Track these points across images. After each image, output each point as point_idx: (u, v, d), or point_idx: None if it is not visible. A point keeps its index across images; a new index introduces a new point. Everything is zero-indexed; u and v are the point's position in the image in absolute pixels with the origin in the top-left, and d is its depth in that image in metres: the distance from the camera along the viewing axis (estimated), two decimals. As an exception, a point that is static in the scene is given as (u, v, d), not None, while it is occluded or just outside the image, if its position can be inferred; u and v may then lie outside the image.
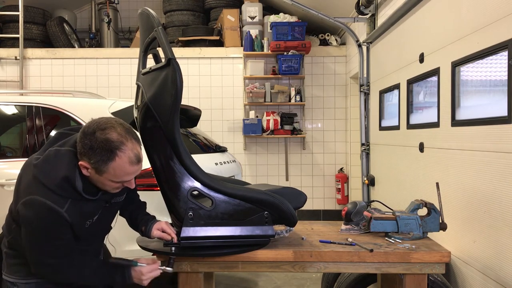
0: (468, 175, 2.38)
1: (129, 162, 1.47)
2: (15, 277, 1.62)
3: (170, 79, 1.69)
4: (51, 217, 1.45)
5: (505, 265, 2.03)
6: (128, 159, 1.46)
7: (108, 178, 1.49)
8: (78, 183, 1.50)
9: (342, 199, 5.96)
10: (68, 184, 1.48)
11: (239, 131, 6.07)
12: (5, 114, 3.30)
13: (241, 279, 4.01)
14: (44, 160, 1.53)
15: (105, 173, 1.47)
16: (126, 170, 1.48)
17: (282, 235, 2.09)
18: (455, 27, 2.55)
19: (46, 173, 1.49)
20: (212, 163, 3.28)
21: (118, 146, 1.45)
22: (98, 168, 1.46)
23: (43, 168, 1.51)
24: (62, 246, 1.51)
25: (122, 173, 1.48)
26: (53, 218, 1.45)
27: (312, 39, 6.10)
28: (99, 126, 1.46)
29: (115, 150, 1.44)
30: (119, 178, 1.50)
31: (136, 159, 1.49)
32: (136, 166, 1.50)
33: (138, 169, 1.52)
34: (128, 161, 1.46)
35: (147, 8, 1.88)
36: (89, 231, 1.61)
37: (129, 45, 6.65)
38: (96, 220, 1.63)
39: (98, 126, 1.47)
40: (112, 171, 1.46)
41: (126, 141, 1.46)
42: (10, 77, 6.04)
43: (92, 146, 1.44)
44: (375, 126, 4.35)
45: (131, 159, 1.47)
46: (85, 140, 1.46)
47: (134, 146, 1.48)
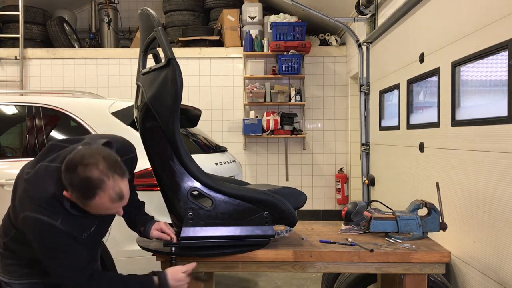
0: (468, 175, 2.38)
1: (109, 200, 1.43)
2: (9, 278, 1.62)
3: (170, 79, 1.69)
4: (47, 231, 1.44)
5: (505, 265, 2.03)
6: (109, 197, 1.43)
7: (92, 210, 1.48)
8: (65, 202, 1.48)
9: (342, 199, 5.96)
10: (56, 202, 1.47)
11: (239, 131, 6.07)
12: (5, 114, 3.30)
13: (241, 279, 4.01)
14: (34, 176, 1.51)
15: (88, 207, 1.46)
16: (107, 207, 1.46)
17: (282, 235, 2.09)
18: (455, 27, 2.55)
19: (35, 190, 1.48)
20: (212, 163, 3.28)
21: (99, 185, 1.40)
22: (80, 202, 1.45)
23: (32, 184, 1.50)
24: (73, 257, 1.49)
25: (104, 209, 1.46)
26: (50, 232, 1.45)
27: (312, 39, 6.10)
28: (82, 161, 1.41)
29: (96, 189, 1.40)
30: (103, 212, 1.49)
31: (118, 197, 1.44)
32: (118, 202, 1.46)
33: (122, 203, 1.49)
34: (109, 199, 1.43)
35: (147, 8, 1.88)
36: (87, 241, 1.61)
37: (129, 45, 6.65)
38: (93, 231, 1.63)
39: (81, 160, 1.41)
40: (94, 206, 1.45)
41: (107, 179, 1.41)
42: (10, 77, 6.04)
43: (72, 183, 1.41)
44: (375, 126, 4.35)
45: (111, 198, 1.43)
46: (66, 174, 1.43)
47: (116, 184, 1.43)
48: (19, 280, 1.61)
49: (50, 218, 1.44)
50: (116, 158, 1.48)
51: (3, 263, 1.64)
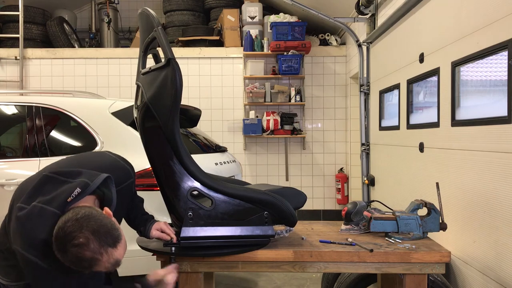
0: (468, 175, 2.38)
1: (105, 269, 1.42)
2: (6, 280, 1.61)
3: (169, 79, 1.69)
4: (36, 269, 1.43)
5: (505, 265, 2.03)
6: (104, 269, 1.41)
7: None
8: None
9: (342, 199, 5.96)
10: (47, 248, 1.43)
11: (239, 131, 6.07)
12: (5, 114, 3.30)
13: (241, 279, 4.01)
14: (27, 216, 1.45)
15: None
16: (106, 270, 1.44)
17: (282, 235, 2.09)
18: (455, 27, 2.55)
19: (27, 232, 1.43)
20: (212, 163, 3.28)
21: (93, 263, 1.38)
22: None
23: (24, 226, 1.45)
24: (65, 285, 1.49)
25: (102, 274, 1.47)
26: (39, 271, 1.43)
27: (312, 39, 6.10)
28: (71, 240, 1.35)
29: (90, 267, 1.39)
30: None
31: (113, 266, 1.42)
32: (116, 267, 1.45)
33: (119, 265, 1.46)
34: (104, 269, 1.42)
35: (147, 8, 1.88)
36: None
37: (129, 45, 6.65)
38: None
39: (70, 239, 1.35)
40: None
41: (101, 256, 1.38)
42: (10, 77, 6.04)
43: (65, 260, 1.39)
44: (375, 126, 4.35)
45: (108, 268, 1.42)
46: (57, 251, 1.39)
47: (110, 257, 1.39)
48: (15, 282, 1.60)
49: (39, 259, 1.41)
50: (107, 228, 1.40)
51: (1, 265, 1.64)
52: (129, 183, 1.73)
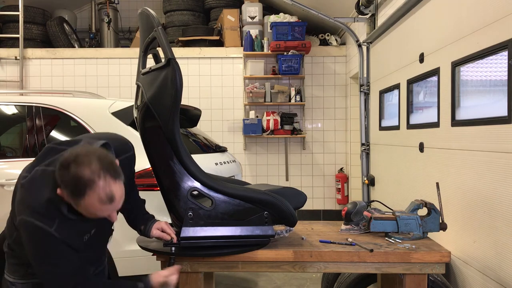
0: (468, 175, 2.38)
1: (98, 201, 1.39)
2: (14, 277, 1.63)
3: (170, 79, 1.69)
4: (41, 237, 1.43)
5: (505, 265, 2.03)
6: (98, 198, 1.39)
7: (83, 212, 1.45)
8: (63, 207, 1.46)
9: (342, 199, 5.96)
10: (52, 207, 1.45)
11: (239, 131, 6.07)
12: (5, 114, 3.30)
13: (241, 279, 4.01)
14: (30, 181, 1.50)
15: (79, 207, 1.43)
16: (97, 208, 1.42)
17: (282, 235, 2.09)
18: (455, 27, 2.55)
19: (31, 194, 1.47)
20: (212, 163, 3.28)
21: (89, 185, 1.37)
22: (72, 201, 1.43)
23: (29, 189, 1.48)
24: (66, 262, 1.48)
25: (94, 210, 1.42)
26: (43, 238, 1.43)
27: (312, 39, 6.10)
28: (75, 159, 1.39)
29: (85, 189, 1.37)
30: (93, 215, 1.45)
31: (108, 199, 1.40)
32: (108, 205, 1.42)
33: (114, 207, 1.44)
34: (98, 200, 1.39)
35: (147, 8, 1.88)
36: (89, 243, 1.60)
37: (129, 45, 6.65)
38: (94, 232, 1.62)
39: (75, 159, 1.39)
40: (85, 208, 1.42)
41: (98, 179, 1.38)
42: (10, 77, 6.04)
43: (63, 180, 1.40)
44: (375, 126, 4.35)
45: (101, 199, 1.39)
46: (59, 171, 1.41)
47: (107, 185, 1.39)
48: (23, 279, 1.61)
49: (44, 224, 1.42)
50: (111, 160, 1.45)
51: (8, 263, 1.65)
52: (129, 156, 1.73)
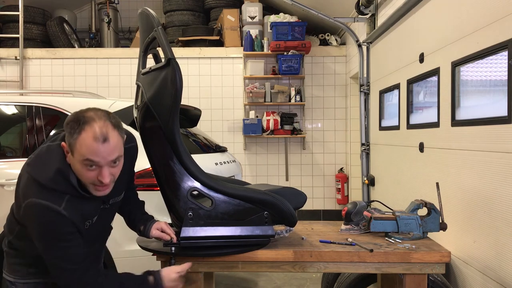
0: (468, 175, 2.38)
1: (93, 137, 1.40)
2: (14, 277, 1.62)
3: (169, 79, 1.69)
4: (50, 217, 1.42)
5: (505, 265, 2.03)
6: (93, 134, 1.40)
7: (78, 158, 1.44)
8: (72, 177, 1.47)
9: (342, 199, 5.96)
10: (62, 178, 1.46)
11: (239, 131, 6.07)
12: (5, 114, 3.30)
13: (241, 279, 4.01)
14: (36, 157, 1.52)
15: (75, 151, 1.43)
16: (90, 147, 1.41)
17: (282, 235, 2.09)
18: (455, 27, 2.55)
19: (38, 169, 1.48)
20: (212, 163, 3.28)
21: (87, 121, 1.42)
22: (70, 144, 1.44)
23: (35, 165, 1.50)
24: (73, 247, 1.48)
25: (87, 150, 1.41)
26: (52, 218, 1.43)
27: (312, 39, 6.10)
28: (81, 110, 1.48)
29: (83, 124, 1.42)
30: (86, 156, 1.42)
31: (102, 137, 1.41)
32: (101, 144, 1.41)
33: (106, 150, 1.43)
34: (93, 136, 1.40)
35: (147, 8, 1.88)
36: (89, 232, 1.60)
37: (129, 45, 6.65)
38: (96, 221, 1.61)
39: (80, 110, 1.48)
40: (79, 147, 1.42)
41: (98, 119, 1.43)
42: (10, 77, 6.04)
43: (67, 121, 1.45)
44: (375, 126, 4.35)
45: (95, 135, 1.40)
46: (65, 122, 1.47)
47: (105, 125, 1.43)
48: (24, 279, 1.60)
49: (53, 203, 1.42)
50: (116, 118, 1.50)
51: (8, 262, 1.64)
52: (131, 147, 1.73)
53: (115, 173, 1.51)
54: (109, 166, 1.46)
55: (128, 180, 1.81)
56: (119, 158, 1.49)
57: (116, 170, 1.50)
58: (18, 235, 1.57)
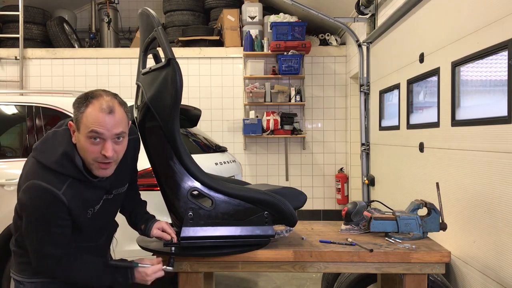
0: (468, 175, 2.38)
1: (100, 108, 1.46)
2: (22, 276, 1.62)
3: (170, 79, 1.69)
4: (47, 199, 1.44)
5: (505, 265, 2.03)
6: (100, 105, 1.46)
7: (83, 133, 1.47)
8: (77, 160, 1.50)
9: (342, 199, 5.96)
10: (67, 160, 1.49)
11: (239, 131, 6.07)
12: (5, 114, 3.30)
13: (241, 279, 4.01)
14: (42, 142, 1.56)
15: (81, 125, 1.47)
16: (96, 117, 1.45)
17: (282, 235, 2.09)
18: (455, 27, 2.55)
19: (45, 153, 1.51)
20: (212, 163, 3.28)
21: (95, 96, 1.49)
22: (76, 120, 1.48)
23: (41, 149, 1.53)
24: (60, 234, 1.49)
25: (93, 121, 1.45)
26: (49, 201, 1.44)
27: (312, 39, 6.10)
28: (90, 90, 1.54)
29: (90, 98, 1.48)
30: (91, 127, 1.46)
31: (108, 109, 1.47)
32: (106, 115, 1.46)
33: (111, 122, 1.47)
34: (99, 107, 1.46)
35: (147, 8, 1.88)
36: (92, 223, 1.60)
37: (129, 45, 6.65)
38: (98, 210, 1.62)
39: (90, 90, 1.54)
40: (85, 120, 1.46)
41: (106, 95, 1.50)
42: (10, 77, 6.04)
43: (76, 100, 1.50)
44: (375, 126, 4.35)
45: (102, 106, 1.46)
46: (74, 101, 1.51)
47: (111, 100, 1.50)
48: (31, 278, 1.60)
49: (53, 186, 1.44)
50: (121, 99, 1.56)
51: (16, 261, 1.64)
52: (134, 139, 1.74)
53: (118, 151, 1.53)
54: (113, 140, 1.50)
55: (131, 172, 1.83)
56: (123, 134, 1.53)
57: (119, 147, 1.53)
58: (21, 231, 1.57)
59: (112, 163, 1.53)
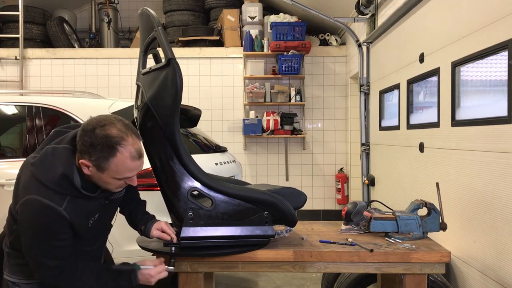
0: (468, 175, 2.38)
1: (130, 157, 1.45)
2: (17, 278, 1.61)
3: (170, 79, 1.69)
4: (49, 215, 1.43)
5: (505, 265, 2.03)
6: (130, 154, 1.45)
7: (110, 175, 1.47)
8: (76, 180, 1.48)
9: (342, 199, 5.96)
10: (66, 181, 1.47)
11: (239, 131, 6.07)
12: (5, 114, 3.30)
13: (241, 279, 4.01)
14: (41, 159, 1.53)
15: (107, 170, 1.46)
16: (128, 166, 1.46)
17: (282, 235, 2.09)
18: (455, 27, 2.55)
19: (43, 171, 1.48)
20: (212, 163, 3.28)
21: (119, 142, 1.44)
22: (99, 165, 1.45)
23: (40, 166, 1.50)
24: (62, 247, 1.49)
25: (124, 169, 1.46)
26: (51, 217, 1.43)
27: (312, 39, 6.10)
28: (98, 123, 1.45)
29: (116, 145, 1.43)
30: (122, 175, 1.48)
31: (138, 154, 1.47)
32: (137, 161, 1.48)
33: (140, 164, 1.51)
34: (130, 156, 1.45)
35: (147, 8, 1.88)
36: (92, 230, 1.60)
37: (129, 45, 6.65)
38: (98, 218, 1.62)
39: (98, 123, 1.45)
40: (114, 168, 1.45)
41: (126, 136, 1.45)
42: (10, 77, 6.04)
43: (92, 143, 1.43)
44: (375, 126, 4.35)
45: (132, 154, 1.45)
46: (85, 137, 1.44)
47: (134, 141, 1.47)
48: (28, 280, 1.60)
49: (54, 203, 1.43)
50: (129, 122, 1.53)
51: (10, 263, 1.63)
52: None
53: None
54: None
55: None
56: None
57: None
58: (17, 235, 1.57)
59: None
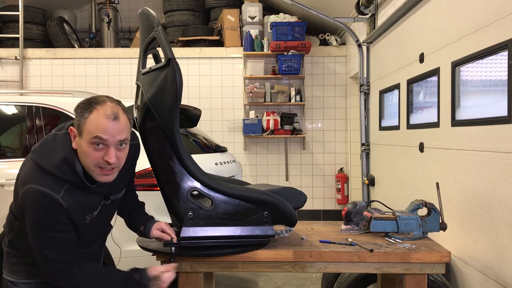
0: (468, 175, 2.38)
1: (104, 115, 1.45)
2: (16, 277, 1.61)
3: (170, 79, 1.69)
4: (46, 203, 1.43)
5: (505, 265, 2.03)
6: (104, 112, 1.45)
7: (86, 139, 1.45)
8: (78, 166, 1.49)
9: (342, 199, 5.96)
10: (67, 166, 1.48)
11: (239, 131, 6.07)
12: (5, 114, 3.30)
13: (241, 279, 4.01)
14: (41, 144, 1.54)
15: (84, 133, 1.45)
16: (101, 124, 1.44)
17: (282, 235, 2.09)
18: (455, 27, 2.55)
19: (44, 156, 1.49)
20: (212, 163, 3.28)
21: (98, 102, 1.48)
22: (79, 127, 1.46)
23: (41, 152, 1.51)
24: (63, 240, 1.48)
25: (97, 128, 1.44)
26: (48, 204, 1.43)
27: (312, 39, 6.10)
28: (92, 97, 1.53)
29: (94, 104, 1.47)
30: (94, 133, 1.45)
31: (112, 115, 1.46)
32: (112, 122, 1.46)
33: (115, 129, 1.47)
34: (104, 114, 1.45)
35: (147, 8, 1.88)
36: (90, 229, 1.60)
37: (129, 45, 6.65)
38: (96, 216, 1.61)
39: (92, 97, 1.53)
40: (88, 126, 1.45)
41: (109, 101, 1.50)
42: (10, 77, 6.04)
43: (78, 105, 1.50)
44: (375, 126, 4.35)
45: (107, 113, 1.45)
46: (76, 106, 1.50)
47: (115, 107, 1.49)
48: (26, 279, 1.60)
49: (52, 190, 1.43)
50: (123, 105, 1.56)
51: (9, 262, 1.63)
52: (134, 145, 1.73)
53: (121, 158, 1.53)
54: (115, 147, 1.49)
55: (129, 177, 1.83)
56: (125, 141, 1.52)
57: (122, 154, 1.53)
58: (17, 233, 1.57)
59: (114, 169, 1.53)
